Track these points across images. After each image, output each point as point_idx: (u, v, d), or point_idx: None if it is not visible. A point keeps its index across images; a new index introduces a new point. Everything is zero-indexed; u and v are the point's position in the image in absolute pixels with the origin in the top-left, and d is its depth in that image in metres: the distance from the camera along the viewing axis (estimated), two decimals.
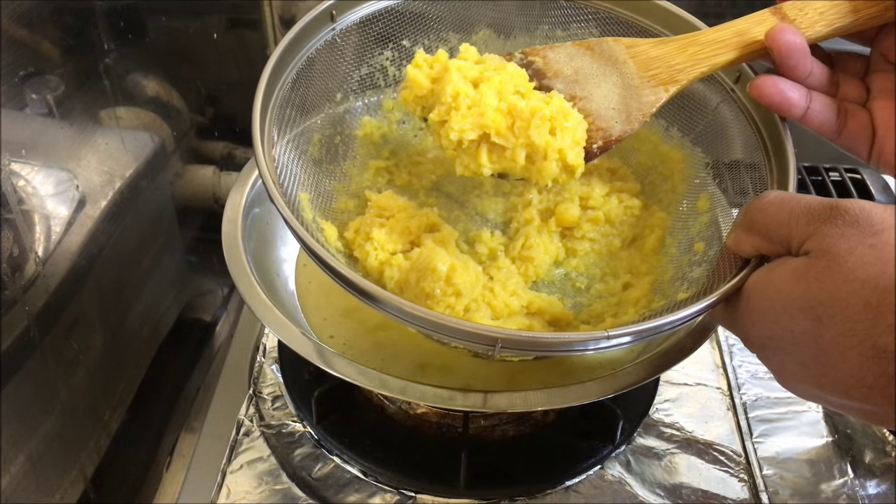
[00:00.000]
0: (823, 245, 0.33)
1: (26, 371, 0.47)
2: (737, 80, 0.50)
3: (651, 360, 0.49)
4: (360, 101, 0.57)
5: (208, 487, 0.56)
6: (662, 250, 0.55)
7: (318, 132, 0.54)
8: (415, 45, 0.56)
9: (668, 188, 0.57)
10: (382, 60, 0.56)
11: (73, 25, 0.52)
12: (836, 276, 0.32)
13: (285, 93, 0.49)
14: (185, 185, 0.72)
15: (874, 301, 0.30)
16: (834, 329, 0.31)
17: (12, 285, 0.45)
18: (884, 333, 0.30)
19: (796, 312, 0.33)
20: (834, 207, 0.33)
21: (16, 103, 0.47)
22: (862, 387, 0.31)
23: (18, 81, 0.47)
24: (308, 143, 0.53)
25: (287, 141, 0.49)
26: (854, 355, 0.31)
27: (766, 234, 0.37)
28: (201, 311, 0.78)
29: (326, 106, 0.55)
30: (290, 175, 0.49)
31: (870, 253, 0.31)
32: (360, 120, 0.58)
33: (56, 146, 0.52)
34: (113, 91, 0.58)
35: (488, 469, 0.57)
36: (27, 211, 0.48)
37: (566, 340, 0.41)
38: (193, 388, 0.71)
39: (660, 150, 0.57)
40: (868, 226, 0.32)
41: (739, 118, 0.49)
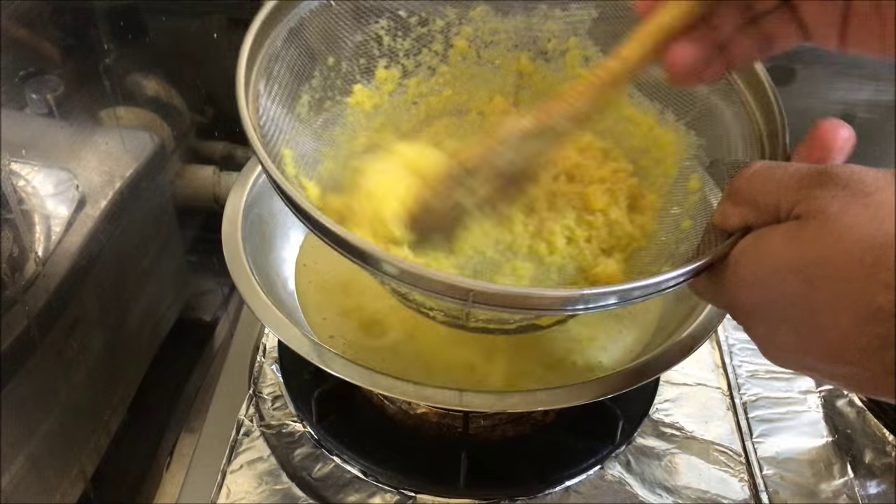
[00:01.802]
0: (814, 207, 0.32)
1: (26, 371, 0.47)
2: None
3: (651, 360, 0.49)
4: (353, 67, 0.56)
5: (208, 487, 0.56)
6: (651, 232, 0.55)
7: (308, 94, 0.53)
8: (411, 15, 0.55)
9: (660, 171, 0.56)
10: (378, 29, 0.55)
11: (73, 25, 0.52)
12: (829, 236, 0.31)
13: (275, 48, 0.48)
14: (185, 185, 0.72)
15: (868, 259, 0.29)
16: (827, 290, 0.31)
17: (12, 285, 0.45)
18: (879, 292, 0.29)
19: (787, 274, 0.32)
20: (823, 172, 0.33)
21: (16, 103, 0.47)
22: (855, 350, 0.30)
23: (18, 81, 0.47)
24: (296, 103, 0.52)
25: (275, 95, 0.48)
26: (848, 316, 0.30)
27: (753, 203, 0.36)
28: (201, 311, 0.78)
29: (317, 68, 0.53)
30: (276, 129, 0.48)
31: (863, 212, 0.31)
32: (351, 87, 0.57)
33: (56, 146, 0.52)
34: (113, 91, 0.58)
35: (488, 469, 0.57)
36: (27, 211, 0.48)
37: (538, 296, 0.38)
38: (193, 388, 0.71)
39: (654, 132, 0.57)
40: (860, 187, 0.31)
41: (732, 99, 0.49)
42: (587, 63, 0.58)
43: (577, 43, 0.57)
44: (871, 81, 0.89)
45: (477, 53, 0.59)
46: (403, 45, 0.57)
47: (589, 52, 0.57)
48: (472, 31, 0.57)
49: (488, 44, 0.59)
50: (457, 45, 0.58)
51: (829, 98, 0.91)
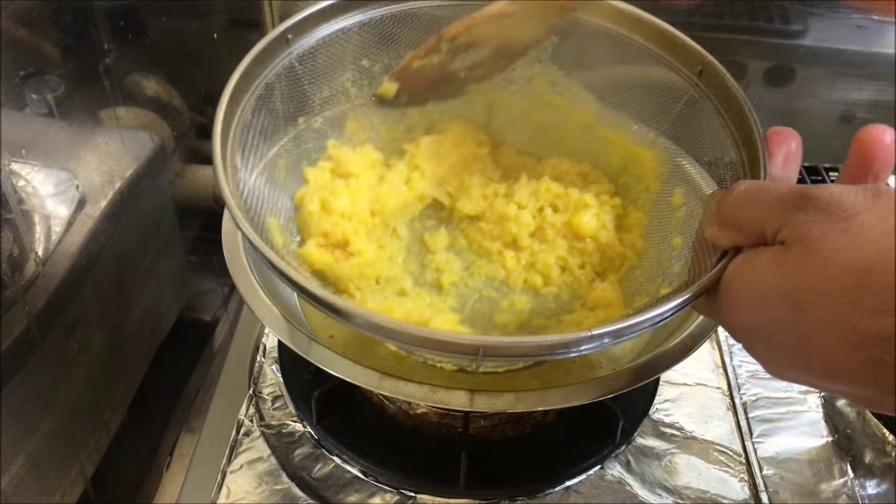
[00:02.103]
0: (797, 233, 0.33)
1: (26, 371, 0.47)
2: (699, 73, 0.49)
3: (651, 360, 0.49)
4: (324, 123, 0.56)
5: (208, 487, 0.56)
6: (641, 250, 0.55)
7: (283, 157, 0.53)
8: (375, 64, 0.56)
9: (642, 188, 0.57)
10: (344, 82, 0.56)
11: (73, 25, 0.52)
12: (812, 262, 0.31)
13: (246, 119, 0.48)
14: (185, 185, 0.72)
15: (851, 285, 0.30)
16: (814, 315, 0.31)
17: (12, 285, 0.45)
18: (864, 318, 0.29)
19: (775, 300, 0.33)
20: (804, 195, 0.33)
21: (16, 103, 0.47)
22: (848, 372, 0.31)
23: (18, 81, 0.47)
24: (274, 170, 0.53)
25: (252, 167, 0.49)
26: (836, 341, 0.30)
27: (739, 228, 0.37)
28: (201, 311, 0.78)
29: (290, 130, 0.54)
30: (259, 200, 0.49)
31: (843, 237, 0.31)
32: (325, 143, 0.57)
33: (56, 146, 0.52)
34: (113, 91, 0.58)
35: (488, 469, 0.57)
36: (27, 211, 0.48)
37: (549, 343, 0.39)
38: (193, 388, 0.71)
39: (631, 151, 0.57)
40: (840, 211, 0.31)
41: (707, 110, 0.49)
42: (554, 88, 0.58)
43: (542, 69, 0.58)
44: (871, 81, 0.89)
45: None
46: (370, 92, 0.57)
47: (554, 77, 0.58)
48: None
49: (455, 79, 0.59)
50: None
51: (829, 98, 0.91)
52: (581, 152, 0.59)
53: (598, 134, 0.58)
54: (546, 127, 0.60)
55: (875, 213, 0.31)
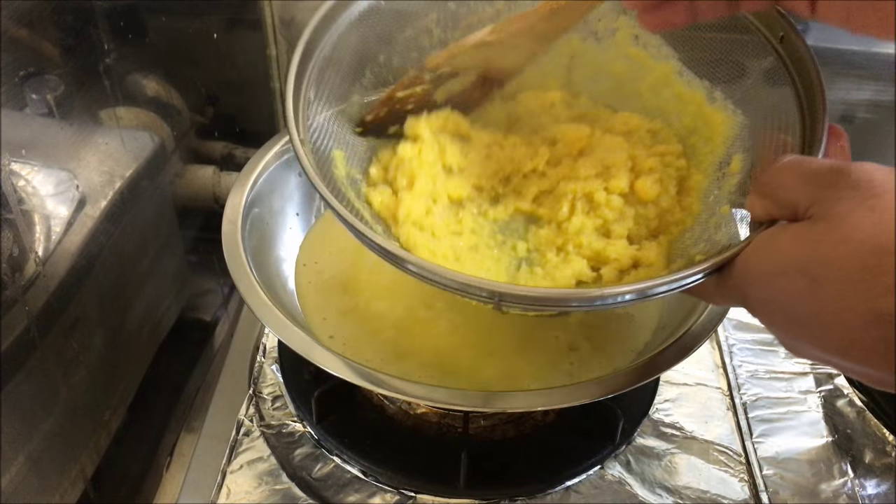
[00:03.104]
0: (825, 208, 0.33)
1: (26, 371, 0.47)
2: (781, 40, 0.49)
3: (651, 360, 0.49)
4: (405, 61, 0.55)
5: (208, 487, 0.56)
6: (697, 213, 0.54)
7: (359, 93, 0.53)
8: (460, 6, 0.55)
9: (707, 150, 0.56)
10: (428, 23, 0.55)
11: (73, 25, 0.52)
12: (833, 237, 0.31)
13: (325, 55, 0.48)
14: (185, 185, 0.72)
15: (871, 263, 0.30)
16: (831, 290, 0.31)
17: (12, 285, 0.45)
18: (881, 296, 0.29)
19: (794, 273, 0.33)
20: (837, 170, 0.33)
21: (16, 103, 0.47)
22: (861, 349, 0.31)
23: (18, 81, 0.47)
24: (347, 103, 0.52)
25: (326, 101, 0.49)
26: (851, 317, 0.30)
27: (776, 198, 0.37)
28: (201, 311, 0.78)
29: (368, 67, 0.54)
30: (327, 133, 0.49)
31: (868, 215, 0.31)
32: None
33: (56, 146, 0.52)
34: (113, 91, 0.58)
35: (488, 469, 0.57)
36: (27, 211, 0.48)
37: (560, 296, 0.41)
38: (193, 388, 0.71)
39: (703, 111, 0.56)
40: (868, 188, 0.32)
41: (781, 80, 0.49)
42: (637, 41, 0.57)
43: (627, 22, 0.57)
44: (871, 81, 0.89)
45: None
46: (454, 35, 0.56)
47: (638, 31, 0.57)
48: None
49: None
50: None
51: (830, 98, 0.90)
52: (655, 108, 0.59)
53: (674, 91, 0.57)
54: (624, 80, 0.59)
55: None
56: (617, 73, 0.60)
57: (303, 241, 0.66)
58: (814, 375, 0.67)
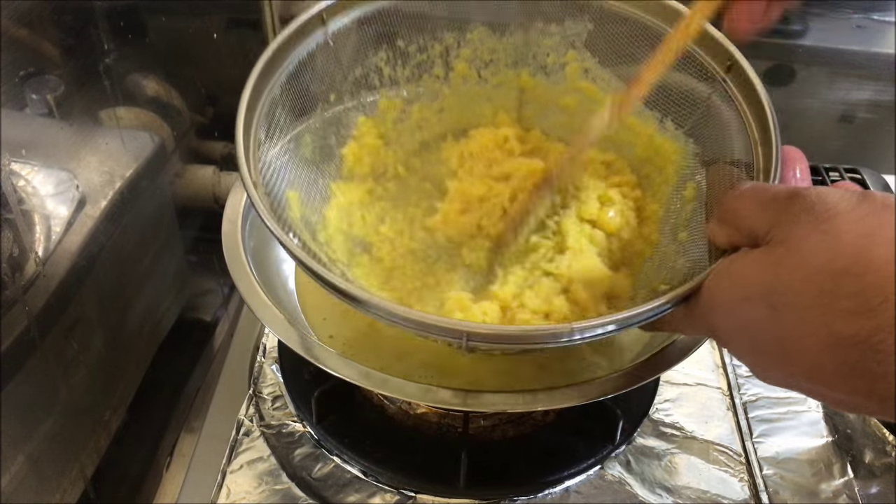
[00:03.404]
0: (782, 232, 0.33)
1: (26, 371, 0.47)
2: (728, 69, 0.49)
3: (651, 360, 0.49)
4: (355, 101, 0.57)
5: (208, 487, 0.56)
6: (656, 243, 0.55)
7: (310, 134, 0.54)
8: (409, 44, 0.56)
9: (661, 180, 0.57)
10: (377, 61, 0.56)
11: (73, 25, 0.52)
12: (791, 262, 0.31)
13: (275, 95, 0.49)
14: (185, 185, 0.72)
15: (828, 286, 0.30)
16: (791, 316, 0.31)
17: (12, 285, 0.45)
18: (839, 320, 0.29)
19: (756, 299, 0.33)
20: (793, 195, 0.33)
21: (16, 103, 0.47)
22: (826, 374, 0.31)
23: (18, 81, 0.47)
24: (299, 145, 0.53)
25: (276, 142, 0.49)
26: (812, 343, 0.30)
27: (736, 225, 0.37)
28: (201, 311, 0.78)
29: (319, 107, 0.54)
30: (279, 174, 0.49)
31: (822, 239, 0.31)
32: (356, 120, 0.58)
33: (56, 146, 0.52)
34: (113, 91, 0.58)
35: (488, 469, 0.57)
36: (27, 211, 0.48)
37: (530, 334, 0.40)
38: (193, 388, 0.71)
39: (655, 141, 0.57)
40: (822, 211, 0.32)
41: (730, 108, 0.49)
42: (587, 75, 0.58)
43: (576, 55, 0.58)
44: (871, 81, 0.89)
45: (478, 73, 0.60)
46: (404, 73, 0.58)
47: (587, 64, 0.58)
48: (470, 52, 0.59)
49: (488, 63, 0.60)
50: (457, 67, 0.59)
51: (829, 98, 0.91)
52: (606, 140, 0.59)
53: (624, 123, 0.58)
54: (575, 113, 0.60)
55: (855, 214, 0.31)
56: (567, 106, 0.60)
57: None
58: None
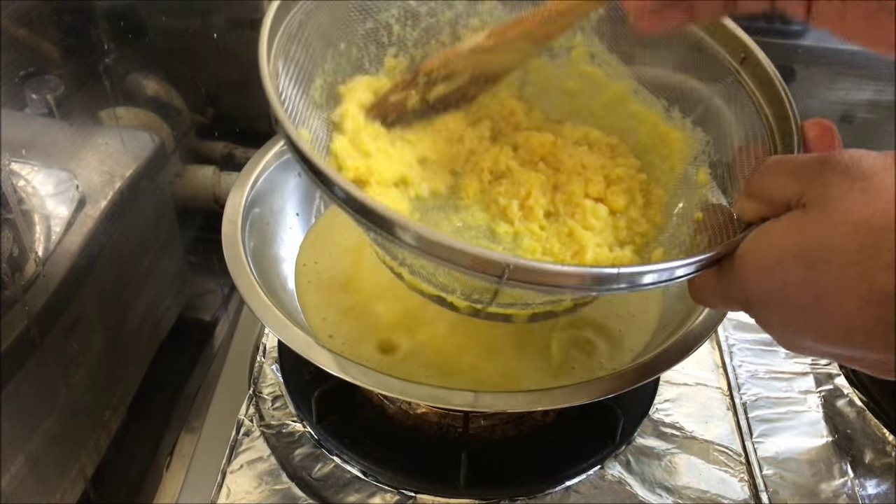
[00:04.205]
0: (816, 195, 0.33)
1: (26, 371, 0.47)
2: (742, 60, 0.49)
3: (651, 360, 0.49)
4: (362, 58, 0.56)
5: (208, 487, 0.56)
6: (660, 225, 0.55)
7: (321, 77, 0.53)
8: (421, 5, 0.55)
9: (666, 167, 0.56)
10: (388, 17, 0.55)
11: (73, 25, 0.52)
12: (828, 221, 0.32)
13: (292, 29, 0.48)
14: (185, 185, 0.72)
15: (868, 242, 0.30)
16: (829, 274, 0.31)
17: (12, 285, 0.45)
18: (880, 274, 0.30)
19: (791, 261, 0.33)
20: (823, 160, 0.34)
21: (16, 103, 0.47)
22: (863, 333, 0.31)
23: (18, 81, 0.47)
24: (311, 85, 0.52)
25: (291, 76, 0.49)
26: (852, 299, 0.31)
27: (765, 198, 0.37)
28: (201, 311, 0.78)
29: (330, 52, 0.53)
30: (293, 109, 0.48)
31: (860, 196, 0.31)
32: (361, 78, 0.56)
33: (56, 146, 0.52)
34: (113, 91, 0.58)
35: (488, 469, 0.57)
36: (27, 211, 0.48)
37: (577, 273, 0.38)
38: (193, 388, 0.71)
39: (660, 129, 0.57)
40: (858, 171, 0.32)
41: (742, 98, 0.49)
42: (593, 60, 0.57)
43: (583, 40, 0.57)
44: (871, 81, 0.89)
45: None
46: (412, 34, 0.57)
47: (595, 50, 0.57)
48: (479, 23, 0.57)
49: None
50: (464, 36, 0.57)
51: (829, 98, 0.91)
52: (608, 126, 0.59)
53: (628, 109, 0.57)
54: (578, 97, 0.59)
55: (893, 172, 0.31)
56: (570, 90, 0.60)
57: (303, 241, 0.67)
58: (814, 375, 0.67)
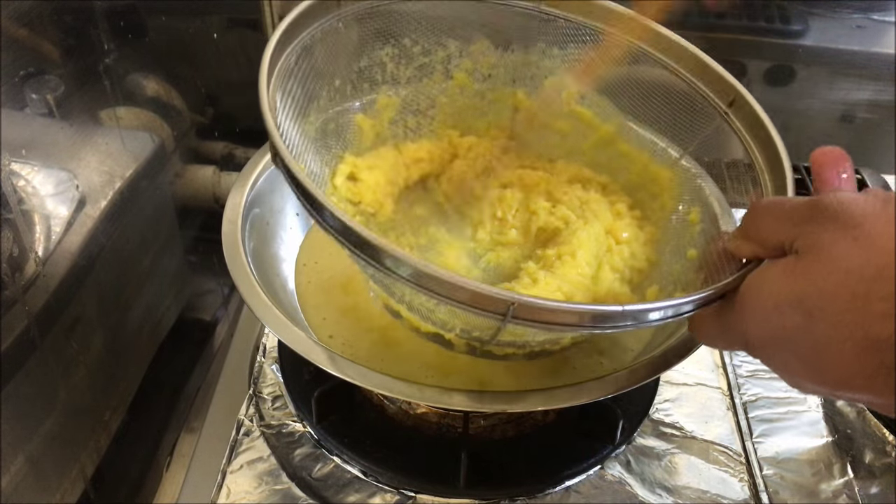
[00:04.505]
0: (808, 242, 0.33)
1: (26, 371, 0.47)
2: (731, 104, 0.50)
3: (651, 360, 0.49)
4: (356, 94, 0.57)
5: (208, 487, 0.56)
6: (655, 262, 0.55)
7: (315, 113, 0.54)
8: (415, 45, 0.57)
9: (657, 206, 0.57)
10: (382, 56, 0.56)
11: (73, 25, 0.52)
12: (822, 269, 0.32)
13: (289, 65, 0.49)
14: (185, 185, 0.72)
15: (861, 291, 0.30)
16: (825, 322, 0.32)
17: (12, 285, 0.45)
18: (875, 323, 0.30)
19: (787, 308, 0.33)
20: (815, 205, 0.34)
21: (16, 103, 0.47)
22: (863, 378, 0.31)
23: (18, 81, 0.47)
24: (305, 121, 0.53)
25: (288, 110, 0.49)
26: (848, 347, 0.31)
27: (759, 241, 0.38)
28: (201, 311, 0.78)
29: (325, 89, 0.54)
30: (289, 143, 0.48)
31: (853, 245, 0.31)
32: (354, 116, 0.58)
33: (56, 146, 0.52)
34: (113, 91, 0.58)
35: (488, 469, 0.57)
36: (27, 211, 0.48)
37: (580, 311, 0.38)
38: (193, 388, 0.71)
39: (650, 169, 0.57)
40: (848, 218, 0.32)
41: (732, 141, 0.50)
42: (583, 101, 0.58)
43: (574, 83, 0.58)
44: (871, 81, 0.89)
45: (475, 87, 0.60)
46: (405, 72, 0.58)
47: (585, 90, 0.58)
48: (471, 64, 0.59)
49: (486, 77, 0.60)
50: (456, 77, 0.59)
51: (829, 98, 0.91)
52: (598, 165, 0.60)
53: (618, 149, 0.58)
54: (568, 137, 0.60)
55: (883, 218, 0.31)
56: (560, 129, 0.60)
57: (303, 241, 0.67)
58: None
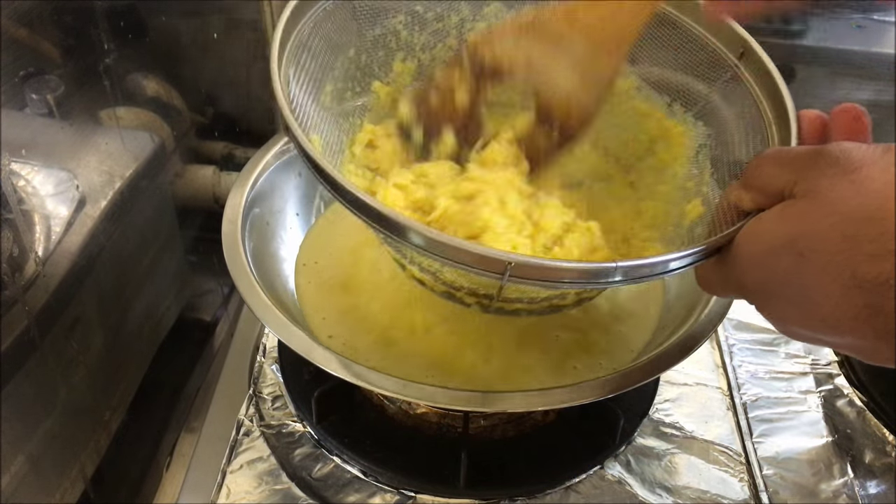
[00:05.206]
0: (807, 186, 0.34)
1: (26, 371, 0.47)
2: (741, 55, 0.50)
3: (651, 360, 0.49)
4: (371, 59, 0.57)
5: (208, 487, 0.56)
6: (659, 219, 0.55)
7: (331, 83, 0.54)
8: (427, 11, 0.56)
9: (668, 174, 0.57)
10: (395, 24, 0.56)
11: (73, 25, 0.52)
12: (817, 212, 0.33)
13: (302, 38, 0.49)
14: (185, 185, 0.72)
15: (851, 232, 0.31)
16: (815, 263, 0.32)
17: (12, 285, 0.45)
18: (862, 263, 0.31)
19: (780, 250, 0.34)
20: (816, 152, 0.35)
21: (16, 103, 0.47)
22: (849, 319, 0.32)
23: (18, 81, 0.47)
24: (321, 91, 0.53)
25: (302, 83, 0.49)
26: (836, 288, 0.32)
27: (760, 188, 0.38)
28: (201, 311, 0.78)
29: (340, 59, 0.54)
30: (304, 115, 0.49)
31: (849, 187, 0.32)
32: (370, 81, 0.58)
33: (56, 146, 0.52)
34: (113, 91, 0.58)
35: (488, 469, 0.57)
36: (27, 211, 0.48)
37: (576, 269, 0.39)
38: (193, 388, 0.71)
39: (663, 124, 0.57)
40: (848, 163, 0.33)
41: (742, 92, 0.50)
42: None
43: None
44: (871, 81, 0.89)
45: None
46: (420, 39, 0.58)
47: None
48: (485, 26, 0.58)
49: None
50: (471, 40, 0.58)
51: (829, 98, 0.91)
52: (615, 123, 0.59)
53: (632, 105, 0.58)
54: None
55: (881, 164, 0.32)
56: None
57: (303, 241, 0.67)
58: (814, 375, 0.67)
